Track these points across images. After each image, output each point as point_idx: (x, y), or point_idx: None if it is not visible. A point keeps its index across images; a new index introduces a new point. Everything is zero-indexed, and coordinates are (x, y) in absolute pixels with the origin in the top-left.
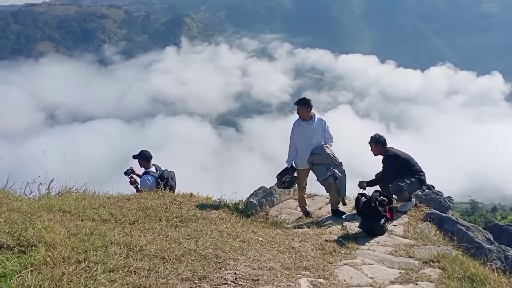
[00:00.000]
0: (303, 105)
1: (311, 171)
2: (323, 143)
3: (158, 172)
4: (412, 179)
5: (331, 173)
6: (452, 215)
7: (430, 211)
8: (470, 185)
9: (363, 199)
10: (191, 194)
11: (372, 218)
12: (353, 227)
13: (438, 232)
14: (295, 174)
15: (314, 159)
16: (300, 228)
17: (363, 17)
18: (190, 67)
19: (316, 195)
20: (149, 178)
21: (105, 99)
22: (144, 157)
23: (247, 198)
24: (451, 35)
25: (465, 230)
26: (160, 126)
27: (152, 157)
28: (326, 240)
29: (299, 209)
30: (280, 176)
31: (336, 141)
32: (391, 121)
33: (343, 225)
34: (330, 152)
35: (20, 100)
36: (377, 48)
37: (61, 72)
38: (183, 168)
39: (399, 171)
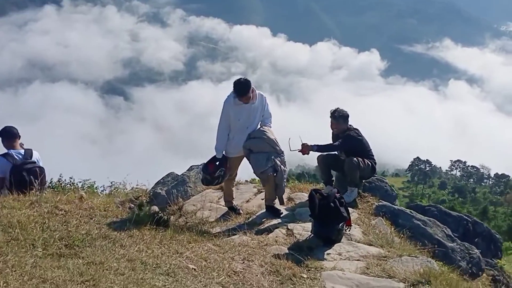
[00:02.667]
0: (243, 91)
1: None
2: (260, 125)
3: (21, 159)
4: (368, 163)
5: (272, 164)
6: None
7: (380, 203)
8: None
9: (318, 196)
10: (81, 197)
11: (331, 221)
12: (300, 229)
13: (394, 230)
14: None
15: (252, 146)
16: (234, 234)
17: None
18: (73, 29)
19: (240, 183)
20: (3, 162)
21: None
22: (6, 135)
23: (152, 187)
24: (337, 13)
25: (422, 225)
26: (37, 93)
27: (18, 134)
28: (277, 256)
29: (222, 202)
30: (209, 169)
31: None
32: (281, 93)
33: (288, 228)
34: (273, 137)
35: None
36: (270, 21)
37: None
38: (66, 141)
39: (357, 153)
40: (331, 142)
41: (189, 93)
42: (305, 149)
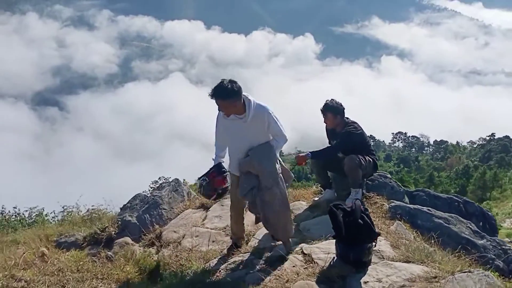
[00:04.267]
0: (225, 97)
1: None
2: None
3: None
4: (370, 160)
5: (252, 193)
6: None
7: (392, 204)
8: (295, 137)
9: (340, 213)
10: (43, 255)
11: (360, 242)
12: (318, 252)
13: (416, 233)
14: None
15: (243, 165)
16: (240, 268)
17: None
18: None
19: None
20: None
21: None
22: None
23: (119, 214)
24: (268, 1)
25: (445, 223)
26: None
27: None
28: None
29: (209, 224)
30: (209, 181)
31: (172, 110)
32: None
33: (304, 253)
34: (271, 159)
35: None
36: (202, 14)
37: None
38: (2, 160)
39: (356, 150)
40: (327, 139)
41: (127, 96)
42: (300, 160)
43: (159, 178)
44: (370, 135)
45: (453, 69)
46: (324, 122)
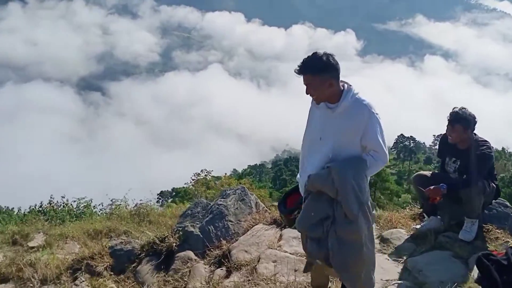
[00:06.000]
0: (318, 71)
1: None
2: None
3: None
4: (493, 186)
5: (322, 231)
6: None
7: None
8: None
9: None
10: None
11: None
12: None
13: None
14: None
15: (312, 181)
16: None
17: None
18: (40, 25)
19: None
20: None
21: None
22: None
23: (179, 222)
24: None
25: None
26: (10, 94)
27: None
28: None
29: (286, 247)
30: (285, 204)
31: (210, 101)
32: (261, 78)
33: None
34: (354, 184)
35: None
36: (243, 6)
37: None
38: (45, 140)
39: (488, 174)
40: (439, 153)
41: (167, 85)
42: (433, 194)
43: (201, 171)
44: (410, 136)
45: (500, 72)
46: (448, 134)
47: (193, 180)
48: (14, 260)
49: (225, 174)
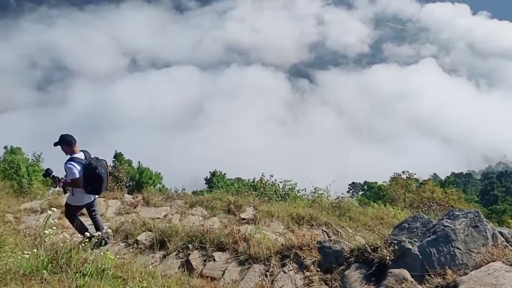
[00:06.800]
0: None
1: None
2: None
3: (86, 159)
4: None
5: None
6: None
7: None
8: None
9: None
10: None
11: None
12: None
13: None
14: None
15: None
16: None
17: None
18: (265, 15)
19: None
20: (74, 165)
21: (181, 46)
22: (65, 142)
23: (394, 233)
24: None
25: None
26: (234, 75)
27: (75, 140)
28: None
29: None
30: None
31: (417, 97)
32: (481, 78)
33: None
34: None
35: (104, 44)
36: None
37: (140, 17)
38: (256, 120)
39: None
40: None
41: (373, 77)
42: None
43: (403, 172)
44: None
45: None
46: None
47: (391, 178)
48: (231, 231)
49: (429, 179)
